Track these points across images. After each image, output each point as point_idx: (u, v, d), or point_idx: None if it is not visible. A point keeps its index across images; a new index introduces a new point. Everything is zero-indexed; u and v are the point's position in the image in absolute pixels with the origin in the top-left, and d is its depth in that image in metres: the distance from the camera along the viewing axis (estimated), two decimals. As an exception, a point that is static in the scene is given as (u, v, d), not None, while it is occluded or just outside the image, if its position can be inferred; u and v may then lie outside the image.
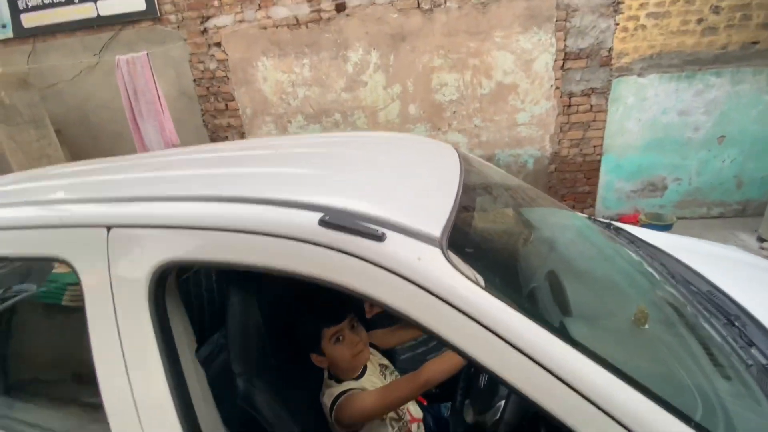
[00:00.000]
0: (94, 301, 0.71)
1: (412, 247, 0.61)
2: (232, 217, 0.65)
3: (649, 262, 1.20)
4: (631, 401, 0.54)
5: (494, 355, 0.56)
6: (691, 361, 0.76)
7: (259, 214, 0.64)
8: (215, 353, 1.42)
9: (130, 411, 0.70)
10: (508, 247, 0.80)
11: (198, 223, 0.66)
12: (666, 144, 3.48)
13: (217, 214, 0.66)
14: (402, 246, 0.60)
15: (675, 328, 0.87)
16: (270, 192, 0.69)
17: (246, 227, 0.63)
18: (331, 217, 0.61)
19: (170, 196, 0.73)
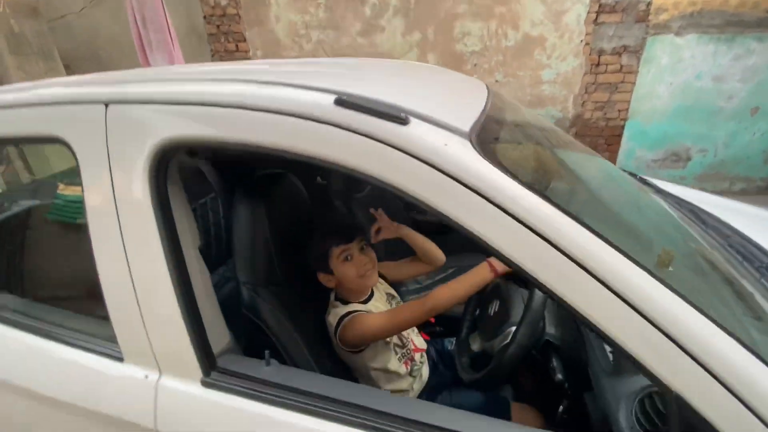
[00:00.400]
0: (92, 184, 0.67)
1: (438, 134, 0.55)
2: (240, 94, 0.59)
3: (675, 207, 1.13)
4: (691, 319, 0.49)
5: (525, 249, 0.51)
6: (727, 298, 0.71)
7: (270, 91, 0.58)
8: (221, 283, 1.42)
9: (130, 300, 0.68)
10: (541, 167, 0.74)
11: (203, 99, 0.60)
12: (695, 112, 3.31)
13: (224, 91, 0.60)
14: (427, 132, 0.54)
15: (707, 269, 0.81)
16: (284, 78, 0.63)
17: (255, 104, 0.57)
18: (348, 97, 0.55)
19: (174, 78, 0.67)
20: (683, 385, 0.49)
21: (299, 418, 0.64)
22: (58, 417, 0.79)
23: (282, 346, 0.88)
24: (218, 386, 0.68)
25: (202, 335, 0.69)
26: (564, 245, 0.50)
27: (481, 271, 0.96)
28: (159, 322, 0.69)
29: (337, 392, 0.65)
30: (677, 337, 0.48)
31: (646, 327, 0.49)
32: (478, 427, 0.62)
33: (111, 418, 0.73)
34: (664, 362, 0.49)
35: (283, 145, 0.56)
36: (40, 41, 3.82)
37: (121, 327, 0.72)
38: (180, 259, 0.67)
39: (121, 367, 0.73)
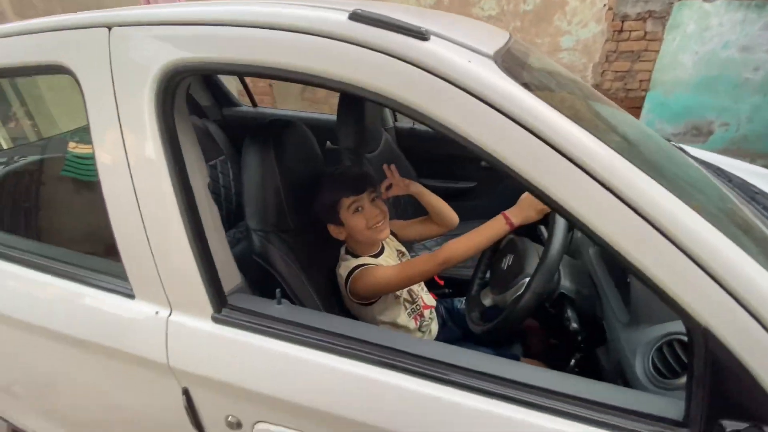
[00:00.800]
0: (97, 114, 0.65)
1: (461, 52, 0.51)
2: (249, 12, 0.55)
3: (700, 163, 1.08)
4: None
5: (551, 172, 0.48)
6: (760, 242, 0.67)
7: (281, 9, 0.55)
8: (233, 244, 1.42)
9: (139, 234, 0.67)
10: (570, 104, 0.69)
11: (211, 18, 0.56)
12: (720, 83, 3.16)
13: (234, 10, 0.56)
14: (449, 48, 0.51)
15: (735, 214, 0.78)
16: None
17: (267, 22, 0.54)
18: (364, 11, 0.51)
19: (179, 3, 0.64)
20: (714, 319, 0.46)
21: (310, 353, 0.64)
22: (71, 353, 0.80)
23: (293, 292, 0.87)
24: (229, 322, 0.67)
25: (212, 272, 0.68)
26: (593, 168, 0.47)
27: (496, 223, 0.93)
28: (169, 257, 0.68)
29: (347, 329, 0.64)
30: (712, 267, 0.45)
31: (679, 257, 0.46)
32: (481, 362, 0.60)
33: (124, 354, 0.73)
34: (695, 294, 0.46)
35: (295, 64, 0.53)
36: (45, 4, 3.77)
37: (131, 263, 0.71)
38: (189, 191, 0.65)
39: (132, 304, 0.72)
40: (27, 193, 1.16)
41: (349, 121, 1.39)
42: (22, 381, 1.00)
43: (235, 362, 0.67)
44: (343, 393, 0.63)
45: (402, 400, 0.61)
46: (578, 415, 0.56)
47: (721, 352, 0.47)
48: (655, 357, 0.70)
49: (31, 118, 2.04)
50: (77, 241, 0.95)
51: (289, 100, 3.92)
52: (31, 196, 1.12)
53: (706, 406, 0.50)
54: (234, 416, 0.70)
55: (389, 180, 1.12)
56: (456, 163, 1.86)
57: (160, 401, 0.76)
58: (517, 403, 0.57)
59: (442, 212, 1.14)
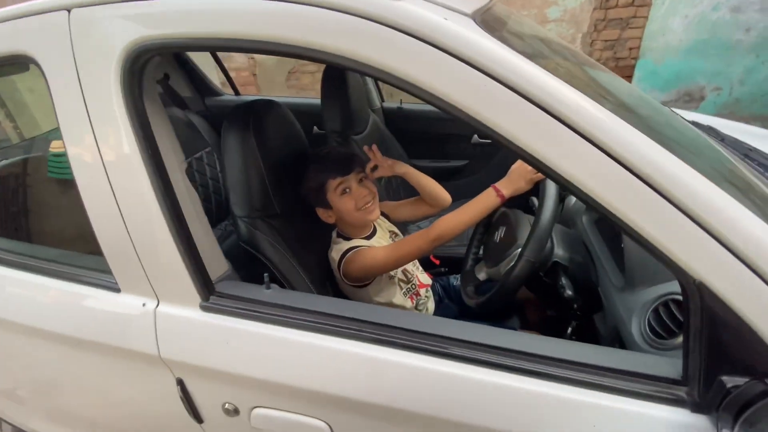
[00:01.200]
0: (64, 102, 0.62)
1: (437, 10, 0.49)
2: (212, -18, 0.52)
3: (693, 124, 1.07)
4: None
5: (531, 127, 0.46)
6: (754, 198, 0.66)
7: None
8: (223, 237, 1.39)
9: (117, 225, 0.65)
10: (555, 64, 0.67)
11: (171, -10, 0.53)
12: (711, 47, 3.11)
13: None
14: (424, 7, 0.48)
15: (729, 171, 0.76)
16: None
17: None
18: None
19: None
20: (708, 272, 0.45)
21: (302, 335, 0.63)
22: (64, 351, 0.79)
23: (284, 278, 0.86)
24: (218, 309, 0.66)
25: (197, 260, 0.66)
26: (579, 124, 0.45)
27: (487, 196, 0.91)
28: (151, 249, 0.66)
29: (338, 309, 0.63)
30: (703, 219, 0.44)
31: (669, 210, 0.44)
32: (478, 333, 0.60)
33: (115, 349, 0.72)
34: (687, 248, 0.45)
35: (266, 34, 0.50)
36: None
37: (114, 257, 0.69)
38: (165, 179, 0.63)
39: (118, 298, 0.71)
40: (10, 194, 1.13)
41: (333, 103, 1.35)
42: (22, 384, 0.99)
43: (226, 349, 0.65)
44: (338, 372, 0.62)
45: (399, 376, 0.60)
46: (577, 379, 0.55)
47: (717, 306, 0.46)
48: (651, 318, 0.69)
49: (13, 120, 1.99)
50: (62, 239, 0.93)
51: (273, 89, 3.85)
52: (13, 197, 1.10)
53: (704, 362, 0.49)
54: (231, 403, 0.69)
55: (373, 161, 1.09)
56: (447, 142, 1.83)
57: (156, 393, 0.76)
58: (516, 372, 0.57)
59: (433, 191, 1.11)
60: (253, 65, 3.77)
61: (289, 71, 3.77)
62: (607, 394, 0.54)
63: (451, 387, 0.59)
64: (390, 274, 1.03)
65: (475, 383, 0.58)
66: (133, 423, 0.90)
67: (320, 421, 0.65)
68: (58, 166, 1.18)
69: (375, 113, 1.73)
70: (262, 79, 3.87)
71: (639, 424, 0.53)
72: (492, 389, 0.57)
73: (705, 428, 0.51)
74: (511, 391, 0.57)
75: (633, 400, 0.54)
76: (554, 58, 0.73)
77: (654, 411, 0.53)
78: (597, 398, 0.54)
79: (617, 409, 0.54)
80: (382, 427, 0.65)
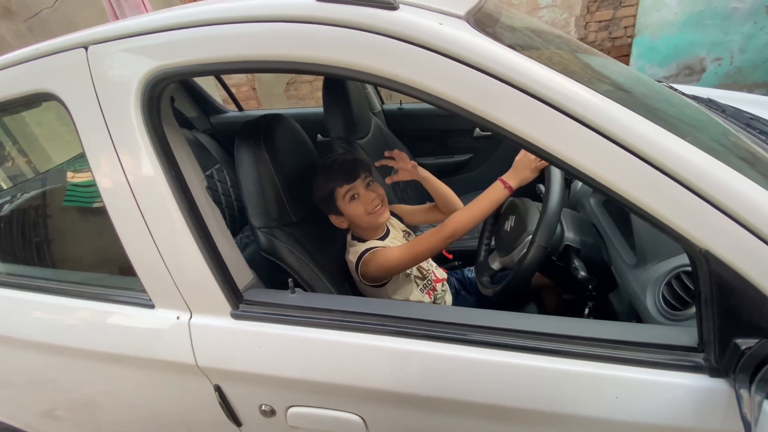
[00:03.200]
0: (89, 135, 0.66)
1: (431, 16, 0.51)
2: (219, 9, 0.56)
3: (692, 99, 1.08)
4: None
5: (530, 118, 0.49)
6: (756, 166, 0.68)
7: (248, 3, 0.55)
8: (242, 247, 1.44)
9: (148, 244, 0.69)
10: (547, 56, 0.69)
11: (181, 22, 0.57)
12: (707, 17, 3.09)
13: (201, 10, 0.56)
14: (419, 14, 0.51)
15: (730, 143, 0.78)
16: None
17: (239, 17, 0.54)
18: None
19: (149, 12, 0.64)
20: (711, 240, 0.47)
21: (329, 333, 0.66)
22: (104, 369, 0.83)
23: (305, 283, 0.89)
24: (248, 316, 0.69)
25: (224, 271, 0.70)
26: (570, 107, 0.47)
27: (495, 190, 0.94)
28: (181, 264, 0.70)
29: (361, 307, 0.66)
30: (701, 189, 0.46)
31: (668, 183, 0.47)
32: (495, 318, 0.62)
33: (154, 362, 0.76)
34: (689, 218, 0.47)
35: (273, 54, 0.54)
36: (20, 42, 3.76)
37: (146, 275, 0.73)
38: (189, 197, 0.67)
39: (153, 313, 0.75)
40: (36, 225, 1.18)
41: (335, 110, 1.39)
42: (63, 404, 1.04)
43: (259, 353, 0.69)
44: (366, 366, 0.65)
45: (424, 364, 0.63)
46: (597, 355, 0.57)
47: (724, 272, 0.48)
48: (664, 292, 0.71)
49: (26, 156, 2.07)
50: (93, 263, 0.98)
51: (273, 102, 3.91)
52: (40, 228, 1.15)
53: (717, 327, 0.51)
54: (267, 404, 0.72)
55: (398, 163, 1.10)
56: (449, 137, 1.85)
57: (195, 402, 0.79)
58: (538, 352, 0.59)
59: (447, 198, 1.13)
60: (252, 80, 3.84)
61: (287, 82, 3.82)
62: (628, 367, 0.56)
63: (475, 371, 0.61)
64: (406, 273, 1.05)
65: (499, 366, 0.60)
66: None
67: (354, 415, 0.69)
68: (76, 194, 1.24)
69: (376, 116, 1.77)
70: (262, 93, 3.93)
71: (660, 392, 0.56)
72: (515, 370, 0.60)
73: (724, 391, 0.53)
74: (534, 371, 0.59)
75: (653, 370, 0.56)
76: (547, 48, 0.75)
77: (674, 379, 0.55)
78: (618, 371, 0.57)
79: (638, 380, 0.56)
80: (412, 415, 0.68)
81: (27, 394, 1.04)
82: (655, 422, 0.56)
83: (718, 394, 0.53)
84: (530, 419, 0.62)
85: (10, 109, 0.77)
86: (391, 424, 0.70)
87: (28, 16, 3.92)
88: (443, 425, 0.67)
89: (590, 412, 0.58)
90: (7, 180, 1.74)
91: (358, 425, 0.69)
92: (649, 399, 0.56)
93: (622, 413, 0.57)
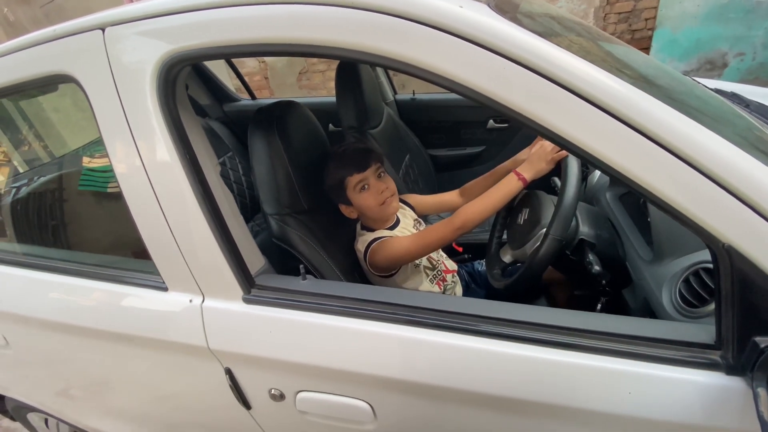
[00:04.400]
0: (105, 117, 0.66)
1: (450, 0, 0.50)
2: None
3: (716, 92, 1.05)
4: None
5: (550, 105, 0.47)
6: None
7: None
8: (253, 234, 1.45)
9: (162, 227, 0.69)
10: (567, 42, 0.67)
11: (198, 4, 0.56)
12: (731, 11, 2.99)
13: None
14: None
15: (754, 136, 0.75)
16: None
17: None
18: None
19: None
20: (735, 234, 0.46)
21: (340, 320, 0.66)
22: (118, 350, 0.85)
23: (315, 270, 0.89)
24: (259, 301, 0.70)
25: (237, 256, 0.70)
26: (594, 94, 0.46)
27: (509, 182, 0.92)
28: (194, 248, 0.70)
29: (372, 295, 0.66)
30: (728, 182, 0.45)
31: (692, 175, 0.45)
32: (507, 309, 0.62)
33: (167, 343, 0.77)
34: (713, 211, 0.46)
35: (288, 36, 0.53)
36: (37, 28, 3.80)
37: (160, 258, 0.74)
38: (203, 181, 0.67)
39: (166, 296, 0.76)
40: (52, 208, 1.20)
41: (348, 100, 1.38)
42: (77, 383, 1.07)
43: (269, 338, 0.69)
44: (376, 354, 0.65)
45: (433, 354, 0.63)
46: (610, 349, 0.57)
47: (746, 268, 0.47)
48: (682, 288, 0.69)
49: (42, 140, 2.10)
50: (107, 246, 0.99)
51: (286, 91, 3.91)
52: (57, 211, 1.17)
53: (737, 325, 0.50)
54: (276, 389, 0.73)
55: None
56: (462, 129, 1.83)
57: (206, 384, 0.81)
58: (550, 345, 0.58)
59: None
60: (264, 69, 3.83)
61: (300, 72, 3.81)
62: (642, 362, 0.56)
63: (485, 363, 0.61)
64: (415, 263, 1.05)
65: (510, 358, 0.60)
66: (185, 413, 0.96)
67: (362, 402, 0.69)
68: (91, 179, 1.26)
69: (389, 106, 1.75)
70: (274, 82, 3.93)
71: (674, 389, 0.55)
72: (527, 363, 0.59)
73: (740, 389, 0.52)
74: (546, 364, 0.58)
75: (667, 366, 0.55)
76: (568, 35, 0.73)
77: (688, 376, 0.54)
78: (631, 366, 0.56)
79: (652, 376, 0.55)
80: (420, 403, 0.68)
81: (42, 374, 1.07)
82: (668, 419, 0.55)
83: (733, 392, 0.52)
84: (540, 412, 0.62)
85: (28, 90, 0.78)
86: (399, 411, 0.70)
87: (45, 2, 3.96)
88: (451, 415, 0.67)
89: (602, 406, 0.57)
90: (23, 164, 1.76)
91: (366, 412, 0.70)
92: (663, 395, 0.55)
93: (635, 409, 0.56)
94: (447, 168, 1.87)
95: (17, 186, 1.37)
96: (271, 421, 0.83)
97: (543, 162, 0.90)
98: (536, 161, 0.91)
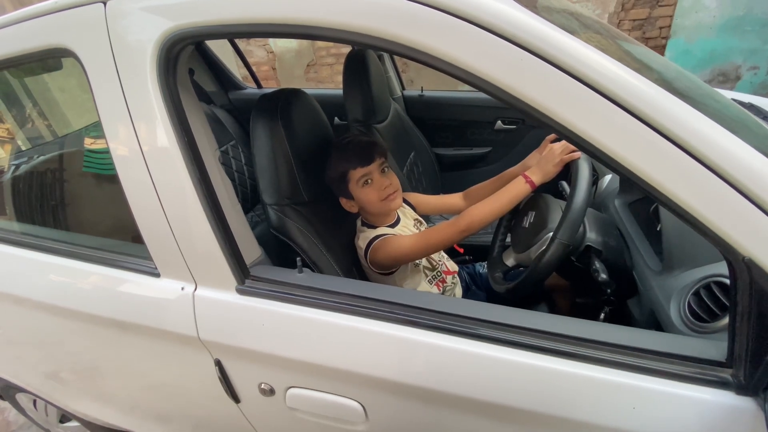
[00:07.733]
0: (103, 94, 0.64)
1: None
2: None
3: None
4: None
5: (568, 100, 0.45)
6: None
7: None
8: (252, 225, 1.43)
9: (157, 212, 0.67)
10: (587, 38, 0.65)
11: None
12: (746, 23, 2.95)
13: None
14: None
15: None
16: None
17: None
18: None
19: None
20: (757, 248, 0.43)
21: (334, 316, 0.64)
22: (107, 334, 0.83)
23: (313, 263, 0.87)
24: (253, 292, 0.68)
25: (232, 245, 0.68)
26: (621, 96, 0.43)
27: (516, 185, 0.90)
28: (189, 235, 0.68)
29: (369, 292, 0.64)
30: (754, 193, 0.42)
31: (715, 183, 0.43)
32: (508, 314, 0.60)
33: (156, 330, 0.75)
34: (734, 222, 0.43)
35: (293, 17, 0.51)
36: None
37: (154, 243, 0.72)
38: (201, 168, 0.65)
39: (158, 282, 0.74)
40: (52, 188, 1.18)
41: (355, 93, 1.35)
42: (67, 366, 1.05)
43: (262, 330, 0.67)
44: (370, 353, 0.63)
45: (429, 356, 0.61)
46: (615, 361, 0.54)
47: (767, 283, 0.44)
48: (691, 301, 0.67)
49: (46, 119, 2.09)
50: (105, 229, 0.97)
51: (293, 82, 3.88)
52: (56, 191, 1.15)
53: (751, 343, 0.48)
54: (266, 383, 0.71)
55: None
56: (468, 129, 1.81)
57: (195, 374, 0.79)
58: (551, 353, 0.56)
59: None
60: (273, 59, 3.81)
61: (308, 64, 3.79)
62: (647, 376, 0.53)
63: (483, 368, 0.59)
64: (415, 262, 1.03)
65: (509, 364, 0.57)
66: (173, 403, 0.94)
67: (354, 401, 0.67)
68: (93, 160, 1.24)
69: (396, 102, 1.72)
70: (282, 73, 3.90)
71: (680, 406, 0.52)
72: (526, 370, 0.57)
73: (750, 410, 0.49)
74: (546, 373, 0.56)
75: (674, 382, 0.53)
76: (587, 32, 0.70)
77: (696, 393, 0.52)
78: (636, 380, 0.53)
79: (658, 391, 0.53)
80: (413, 406, 0.66)
81: (33, 355, 1.05)
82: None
83: (743, 412, 0.50)
84: (538, 422, 0.59)
85: (27, 63, 0.76)
86: (391, 413, 0.68)
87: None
88: (445, 420, 0.65)
89: (603, 420, 0.55)
90: (26, 142, 1.75)
91: (358, 412, 0.67)
92: (668, 412, 0.53)
93: (638, 425, 0.54)
94: (452, 168, 1.85)
95: (16, 164, 1.36)
96: (261, 416, 0.81)
97: (551, 165, 0.88)
98: (545, 164, 0.89)
